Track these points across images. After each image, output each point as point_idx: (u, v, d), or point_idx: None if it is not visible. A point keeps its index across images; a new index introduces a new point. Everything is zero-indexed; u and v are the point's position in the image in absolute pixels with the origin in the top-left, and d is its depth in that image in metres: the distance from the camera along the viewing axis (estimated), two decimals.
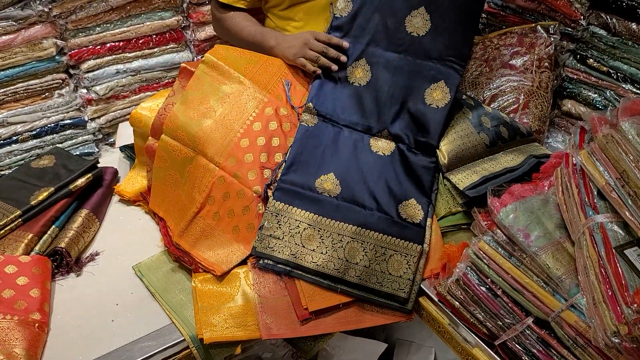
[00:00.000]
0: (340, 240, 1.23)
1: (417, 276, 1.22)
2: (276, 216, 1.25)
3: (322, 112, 1.40)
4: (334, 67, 1.39)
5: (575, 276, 0.98)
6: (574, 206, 1.02)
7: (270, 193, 1.28)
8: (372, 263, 1.21)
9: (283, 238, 1.23)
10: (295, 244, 1.23)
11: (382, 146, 1.38)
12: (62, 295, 1.25)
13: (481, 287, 1.10)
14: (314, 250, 1.22)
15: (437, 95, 1.39)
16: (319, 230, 1.25)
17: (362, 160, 1.36)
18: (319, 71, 1.41)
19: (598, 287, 0.91)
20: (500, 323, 1.08)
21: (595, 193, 0.99)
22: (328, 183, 1.30)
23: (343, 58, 1.40)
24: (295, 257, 1.22)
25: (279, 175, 1.30)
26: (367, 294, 1.21)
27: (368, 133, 1.40)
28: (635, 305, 0.83)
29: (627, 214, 0.92)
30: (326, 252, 1.22)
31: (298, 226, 1.25)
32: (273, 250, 1.22)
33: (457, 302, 1.15)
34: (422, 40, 1.41)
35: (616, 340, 0.86)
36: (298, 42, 1.44)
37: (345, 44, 1.42)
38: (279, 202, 1.26)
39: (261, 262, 1.23)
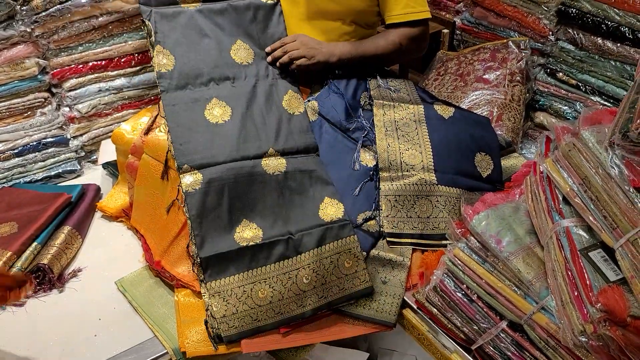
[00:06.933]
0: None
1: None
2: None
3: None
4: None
5: (545, 279, 1.01)
6: (542, 212, 1.05)
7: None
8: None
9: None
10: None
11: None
12: (45, 311, 1.26)
13: (457, 293, 1.13)
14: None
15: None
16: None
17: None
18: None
19: (565, 288, 0.94)
20: (476, 328, 1.11)
21: (561, 199, 1.03)
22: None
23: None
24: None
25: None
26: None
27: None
28: (600, 304, 0.86)
29: (590, 218, 0.96)
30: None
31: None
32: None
33: (435, 309, 1.18)
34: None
35: (583, 339, 0.88)
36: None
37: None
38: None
39: None
